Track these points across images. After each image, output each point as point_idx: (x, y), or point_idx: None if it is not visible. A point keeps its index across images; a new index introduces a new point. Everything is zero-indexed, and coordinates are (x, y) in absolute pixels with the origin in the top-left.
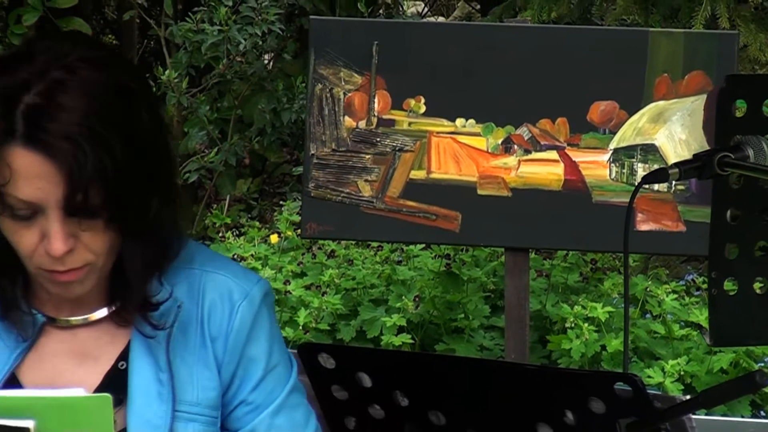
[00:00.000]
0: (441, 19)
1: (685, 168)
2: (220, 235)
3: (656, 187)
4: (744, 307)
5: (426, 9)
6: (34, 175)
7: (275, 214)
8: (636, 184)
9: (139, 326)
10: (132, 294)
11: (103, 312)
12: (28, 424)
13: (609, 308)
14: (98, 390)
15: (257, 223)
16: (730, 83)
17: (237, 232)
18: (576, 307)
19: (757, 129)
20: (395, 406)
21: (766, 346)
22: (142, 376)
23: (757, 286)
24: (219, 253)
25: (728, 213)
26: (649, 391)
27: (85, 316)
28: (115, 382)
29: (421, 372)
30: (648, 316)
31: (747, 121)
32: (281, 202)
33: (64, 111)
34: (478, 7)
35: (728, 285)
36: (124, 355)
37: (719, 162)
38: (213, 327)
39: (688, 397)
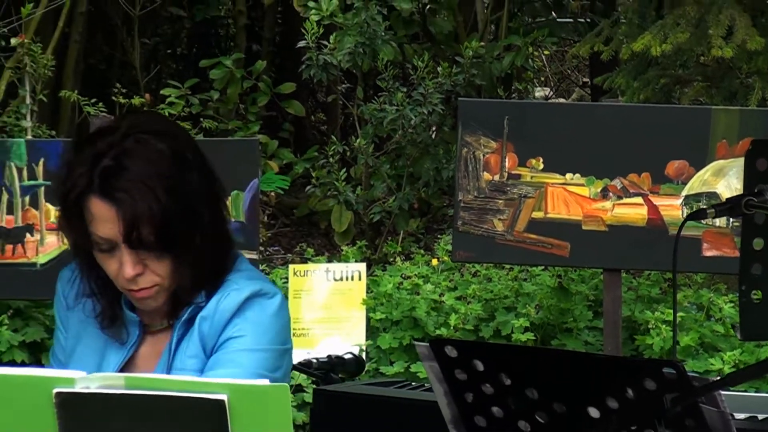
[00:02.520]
0: (561, 99)
1: (719, 209)
2: (393, 260)
3: (717, 222)
4: (766, 312)
5: (552, 93)
6: (105, 219)
7: (435, 244)
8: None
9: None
10: (179, 310)
11: (165, 323)
12: (222, 397)
13: (681, 314)
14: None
15: (422, 251)
16: (755, 146)
17: (405, 258)
18: (656, 313)
19: None
20: (501, 385)
21: None
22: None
23: None
24: (255, 272)
25: (754, 242)
26: (689, 373)
27: (159, 324)
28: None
29: (520, 359)
30: (712, 319)
31: (767, 174)
32: (439, 236)
33: (126, 171)
34: (590, 92)
35: (755, 295)
36: None
37: (745, 204)
38: (202, 332)
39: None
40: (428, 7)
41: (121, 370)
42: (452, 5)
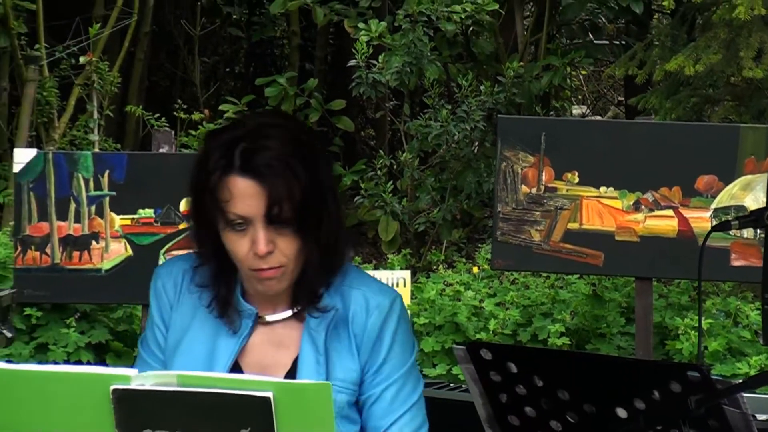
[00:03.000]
0: (597, 117)
1: (743, 220)
2: (437, 268)
3: (745, 234)
4: None
5: (588, 111)
6: (247, 195)
7: (476, 253)
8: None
9: (309, 322)
10: (311, 298)
11: (288, 312)
12: (268, 394)
13: (709, 320)
14: (282, 370)
15: (464, 260)
16: None
17: (448, 266)
18: (686, 319)
19: None
20: (533, 386)
21: None
22: (307, 359)
23: None
24: (365, 273)
25: None
26: (712, 376)
27: (279, 315)
28: (295, 366)
29: (552, 362)
30: (739, 325)
31: None
32: (480, 245)
33: (267, 150)
34: (624, 110)
35: None
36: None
37: (767, 217)
38: (356, 327)
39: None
40: (471, 29)
41: (235, 360)
42: (494, 27)
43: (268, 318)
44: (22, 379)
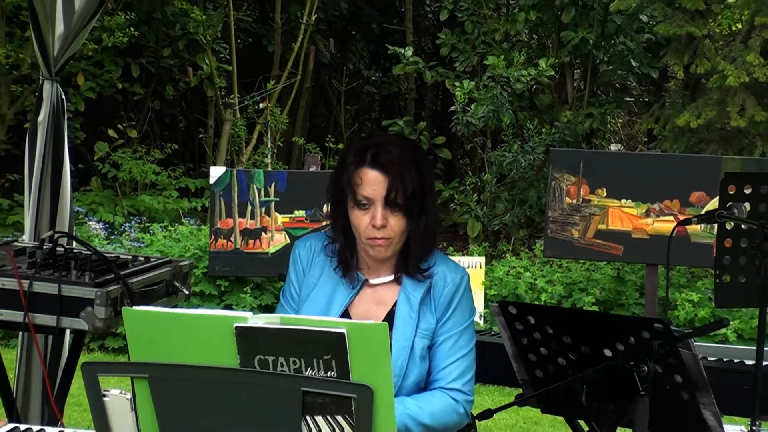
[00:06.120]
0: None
1: (700, 218)
2: (505, 256)
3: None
4: (733, 289)
5: (623, 148)
6: (374, 182)
7: (534, 246)
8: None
9: (406, 286)
10: (412, 266)
11: (390, 277)
12: (342, 330)
13: (699, 295)
14: (384, 320)
15: (526, 250)
16: (726, 177)
17: (513, 254)
18: (682, 294)
19: (740, 199)
20: (546, 333)
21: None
22: (402, 314)
23: (741, 278)
24: (446, 256)
25: (724, 241)
26: (671, 328)
27: (382, 279)
28: (389, 317)
29: (559, 316)
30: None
31: (735, 195)
32: (537, 240)
33: (390, 152)
34: (647, 149)
35: (725, 278)
36: (395, 303)
37: (718, 215)
38: (436, 293)
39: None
40: (535, 87)
41: (345, 309)
42: (551, 87)
43: (373, 281)
44: (171, 320)
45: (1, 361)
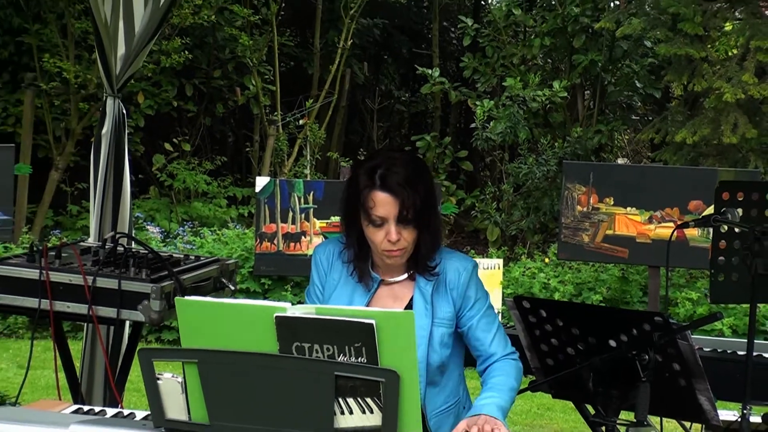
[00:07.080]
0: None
1: (697, 222)
2: (521, 258)
3: None
4: (727, 287)
5: (629, 161)
6: (385, 203)
7: (548, 249)
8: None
9: (419, 282)
10: (421, 266)
11: (404, 276)
12: (371, 321)
13: (698, 294)
14: None
15: (540, 253)
16: (721, 184)
17: (529, 257)
18: (682, 293)
19: (733, 205)
20: (556, 325)
21: (737, 303)
22: (419, 307)
23: (734, 276)
24: (452, 250)
25: (719, 243)
26: (670, 321)
27: (397, 278)
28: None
29: (569, 310)
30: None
31: (728, 201)
32: (551, 244)
33: (397, 174)
34: (651, 161)
35: (720, 276)
36: (411, 298)
37: (713, 219)
38: (451, 284)
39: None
40: (549, 106)
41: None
42: (563, 106)
43: (389, 280)
44: (218, 308)
45: (69, 351)
